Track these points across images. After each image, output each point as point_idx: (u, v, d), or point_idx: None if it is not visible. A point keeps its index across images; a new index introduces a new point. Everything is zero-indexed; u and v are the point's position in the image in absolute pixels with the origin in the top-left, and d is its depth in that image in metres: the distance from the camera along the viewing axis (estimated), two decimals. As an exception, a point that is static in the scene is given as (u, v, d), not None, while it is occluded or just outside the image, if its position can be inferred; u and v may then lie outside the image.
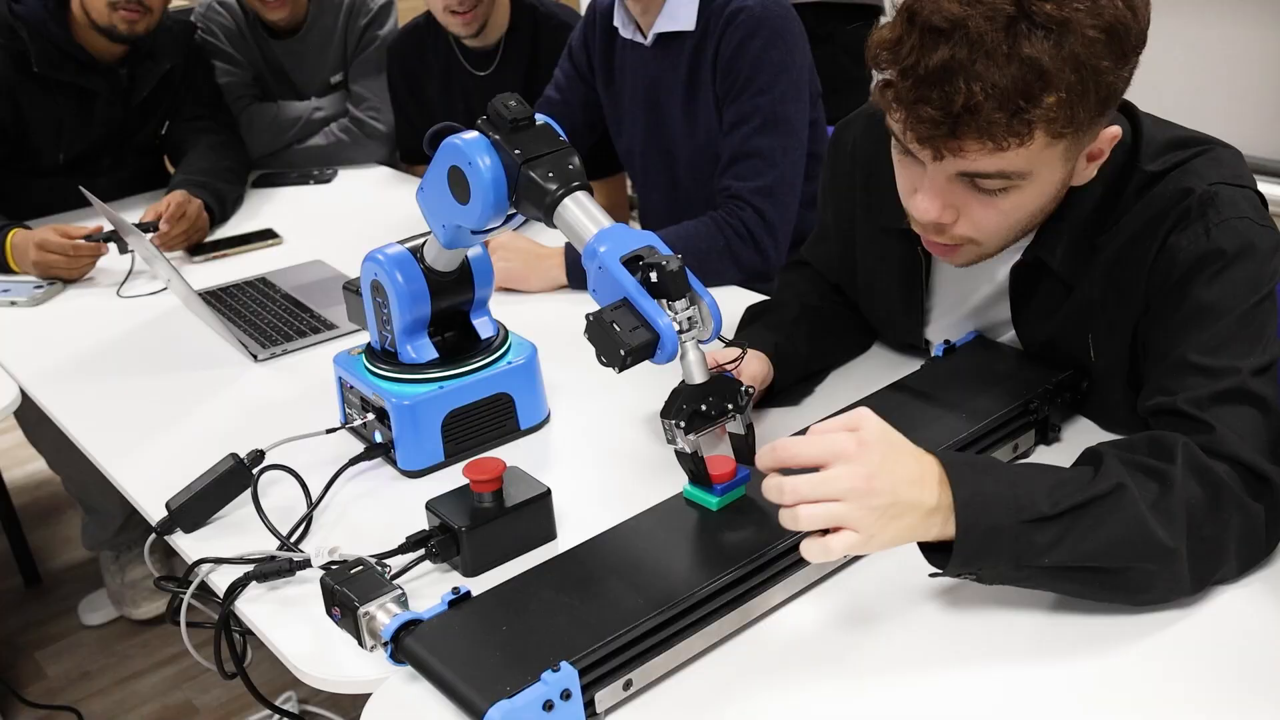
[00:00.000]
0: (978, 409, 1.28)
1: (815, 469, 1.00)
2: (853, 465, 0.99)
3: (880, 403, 1.33)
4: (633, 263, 1.14)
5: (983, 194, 1.16)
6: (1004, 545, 1.01)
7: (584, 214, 1.20)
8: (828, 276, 1.62)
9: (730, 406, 1.16)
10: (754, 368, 1.39)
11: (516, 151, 1.21)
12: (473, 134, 1.24)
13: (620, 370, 1.11)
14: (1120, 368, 1.28)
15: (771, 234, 1.94)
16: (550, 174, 1.21)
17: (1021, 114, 1.06)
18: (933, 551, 1.06)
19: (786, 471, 1.02)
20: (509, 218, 1.29)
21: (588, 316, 1.12)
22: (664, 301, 1.12)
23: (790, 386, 1.49)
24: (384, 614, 1.05)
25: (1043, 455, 1.33)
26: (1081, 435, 1.35)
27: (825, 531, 1.00)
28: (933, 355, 1.43)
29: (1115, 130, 1.17)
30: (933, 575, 1.06)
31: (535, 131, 1.24)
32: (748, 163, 1.95)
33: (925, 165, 1.15)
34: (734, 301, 1.81)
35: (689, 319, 1.13)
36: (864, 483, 0.99)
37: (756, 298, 1.80)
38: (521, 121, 1.22)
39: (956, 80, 1.05)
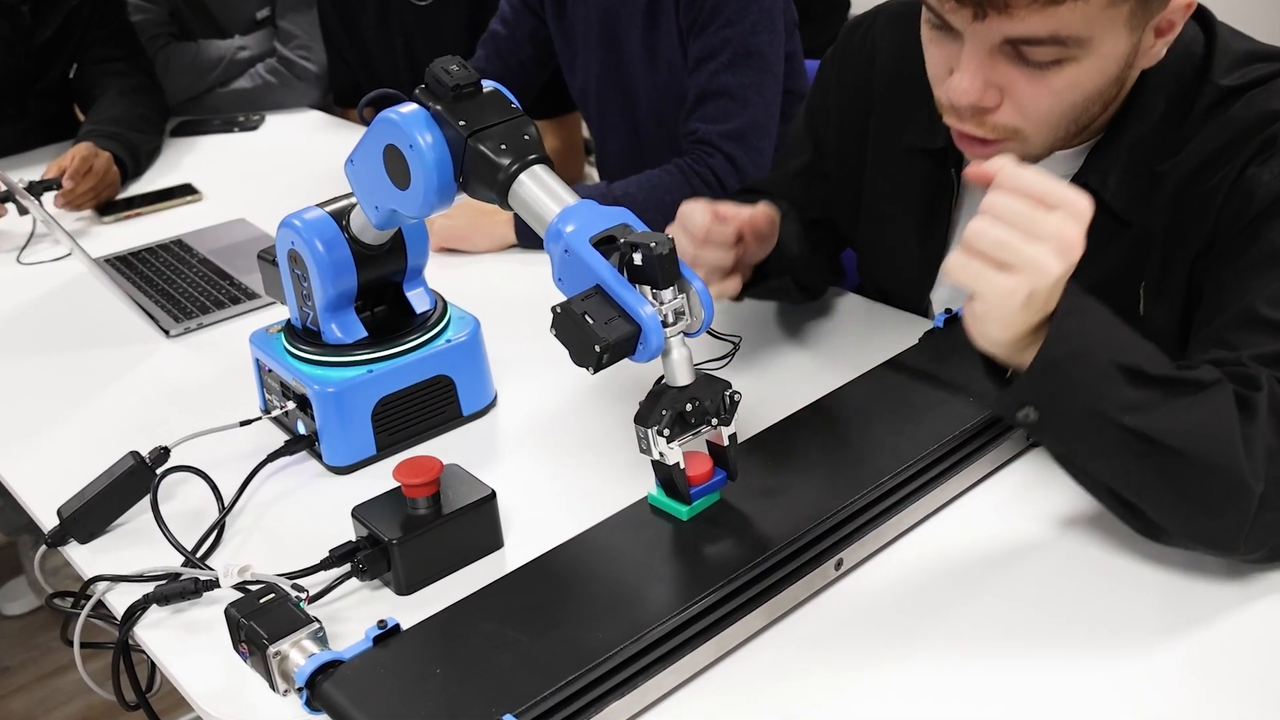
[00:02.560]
0: (987, 391, 1.14)
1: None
2: (1074, 223, 0.91)
3: (873, 384, 1.23)
4: (605, 244, 1.03)
5: (1031, 69, 1.04)
6: (1089, 377, 0.93)
7: (544, 191, 1.09)
8: (801, 210, 1.48)
9: (715, 421, 1.05)
10: (766, 208, 1.27)
11: (461, 123, 1.11)
12: (411, 107, 1.14)
13: (595, 371, 1.00)
14: (1174, 324, 1.17)
15: (744, 183, 1.84)
16: (503, 146, 1.10)
17: None
18: (1001, 381, 1.00)
19: None
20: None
21: (554, 308, 1.01)
22: (647, 289, 1.01)
23: (781, 275, 1.37)
24: (298, 653, 0.95)
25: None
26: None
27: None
28: (932, 326, 1.32)
29: None
30: (987, 408, 1.02)
31: (482, 99, 1.13)
32: (716, 103, 1.86)
33: (963, 38, 1.04)
34: (703, 260, 1.71)
35: (676, 311, 1.02)
36: (1076, 243, 0.91)
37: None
38: (466, 88, 1.12)
39: None
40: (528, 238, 1.82)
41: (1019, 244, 0.90)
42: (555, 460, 1.30)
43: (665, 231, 1.11)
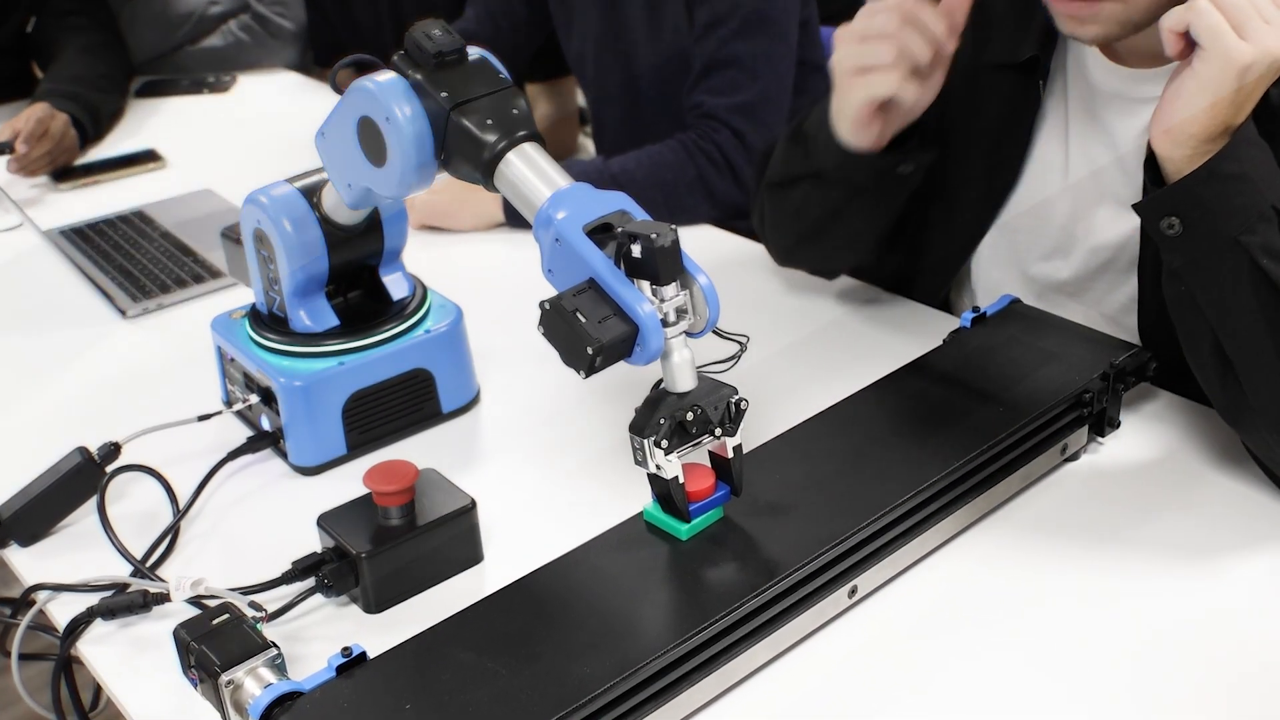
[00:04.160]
0: (1018, 401, 1.15)
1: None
2: None
3: (893, 391, 1.21)
4: (600, 233, 1.00)
5: None
6: (1245, 206, 1.02)
7: (534, 172, 1.06)
8: None
9: (719, 431, 1.02)
10: None
11: (444, 94, 1.08)
12: (388, 75, 1.11)
13: (588, 374, 0.97)
14: None
15: (753, 161, 1.79)
16: (489, 121, 1.07)
17: None
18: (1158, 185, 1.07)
19: None
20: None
21: (542, 305, 0.98)
22: (646, 285, 0.98)
23: (921, 156, 1.33)
24: (254, 682, 0.92)
25: (1098, 454, 1.21)
26: (1147, 421, 1.24)
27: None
28: (958, 326, 1.30)
29: None
30: (1135, 206, 1.08)
31: (467, 68, 1.10)
32: (724, 73, 1.85)
33: None
34: (707, 244, 1.72)
35: (678, 309, 0.99)
36: None
37: (734, 240, 1.69)
38: (449, 55, 1.09)
39: None
40: (517, 217, 1.79)
41: (1254, 16, 0.99)
42: (542, 466, 1.29)
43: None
